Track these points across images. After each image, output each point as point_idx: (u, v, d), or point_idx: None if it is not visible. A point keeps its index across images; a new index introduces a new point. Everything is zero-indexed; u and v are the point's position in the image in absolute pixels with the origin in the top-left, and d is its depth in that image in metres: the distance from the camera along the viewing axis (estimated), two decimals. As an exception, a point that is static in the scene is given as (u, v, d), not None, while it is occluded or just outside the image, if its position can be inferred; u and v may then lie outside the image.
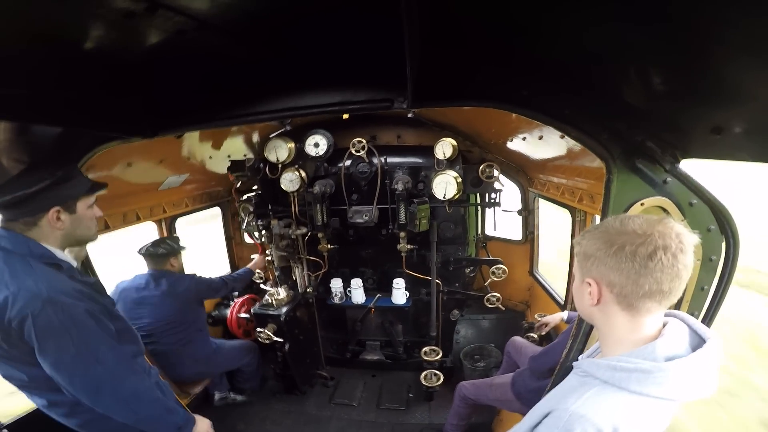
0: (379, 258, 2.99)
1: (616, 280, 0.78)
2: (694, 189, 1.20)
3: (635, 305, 0.80)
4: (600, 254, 0.80)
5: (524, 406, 2.02)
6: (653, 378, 0.76)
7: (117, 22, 0.91)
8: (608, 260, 0.78)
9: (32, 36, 0.87)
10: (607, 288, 0.81)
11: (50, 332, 1.18)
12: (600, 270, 0.81)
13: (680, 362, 0.77)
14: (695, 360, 0.78)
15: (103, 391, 1.27)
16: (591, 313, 0.89)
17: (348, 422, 2.82)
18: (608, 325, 0.86)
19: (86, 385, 1.25)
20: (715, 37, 0.68)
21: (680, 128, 1.05)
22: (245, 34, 1.13)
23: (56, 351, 1.20)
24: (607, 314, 0.84)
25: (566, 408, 0.80)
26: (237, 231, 3.65)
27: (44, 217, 1.28)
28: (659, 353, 0.78)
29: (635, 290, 0.77)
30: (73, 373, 1.23)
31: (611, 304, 0.82)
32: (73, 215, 1.34)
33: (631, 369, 0.78)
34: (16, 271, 1.22)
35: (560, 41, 0.95)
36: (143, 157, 2.16)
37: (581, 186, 2.23)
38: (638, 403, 0.78)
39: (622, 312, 0.82)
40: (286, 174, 2.54)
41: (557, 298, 2.83)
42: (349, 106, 1.30)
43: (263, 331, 2.72)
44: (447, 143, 2.40)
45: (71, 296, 1.25)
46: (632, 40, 0.82)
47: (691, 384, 0.78)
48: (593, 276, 0.82)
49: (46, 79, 1.07)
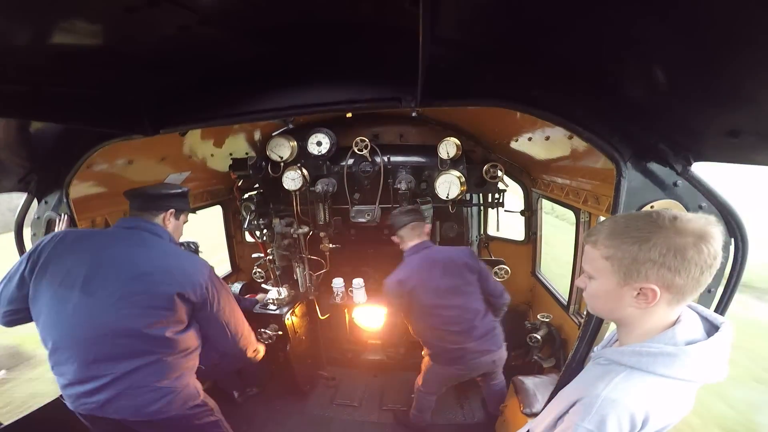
0: (381, 258, 2.97)
1: (680, 282, 0.78)
2: (705, 192, 1.18)
3: (683, 300, 0.82)
4: (663, 259, 0.77)
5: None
6: (679, 361, 0.79)
7: (119, 16, 0.89)
8: (673, 263, 0.77)
9: (33, 32, 0.85)
10: (667, 290, 0.80)
11: (222, 290, 1.63)
12: (662, 273, 0.78)
13: (700, 346, 0.80)
14: (713, 344, 0.81)
15: (245, 332, 1.78)
16: (626, 313, 0.87)
17: (350, 423, 2.81)
18: (642, 319, 0.86)
19: (238, 328, 1.73)
20: (734, 35, 0.67)
21: (694, 130, 1.03)
22: (250, 29, 1.10)
23: (227, 303, 1.65)
24: (648, 312, 0.84)
25: (597, 394, 0.82)
26: (238, 230, 3.62)
27: (162, 214, 1.65)
28: (679, 338, 0.82)
29: (695, 288, 0.79)
30: (237, 320, 1.71)
31: (662, 303, 0.82)
32: (176, 221, 1.72)
33: (656, 353, 0.81)
34: (166, 250, 1.58)
35: (573, 41, 0.93)
36: (144, 155, 2.14)
37: (586, 187, 2.21)
38: (665, 385, 0.81)
39: (667, 308, 0.83)
40: (288, 173, 2.52)
41: (560, 299, 2.82)
42: (356, 104, 1.29)
43: (264, 331, 2.70)
44: (451, 143, 2.38)
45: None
46: (647, 40, 0.80)
47: (709, 367, 0.81)
48: (652, 281, 0.79)
49: (47, 75, 1.05)
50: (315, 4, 0.96)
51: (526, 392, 2.15)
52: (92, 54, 1.02)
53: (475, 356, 2.22)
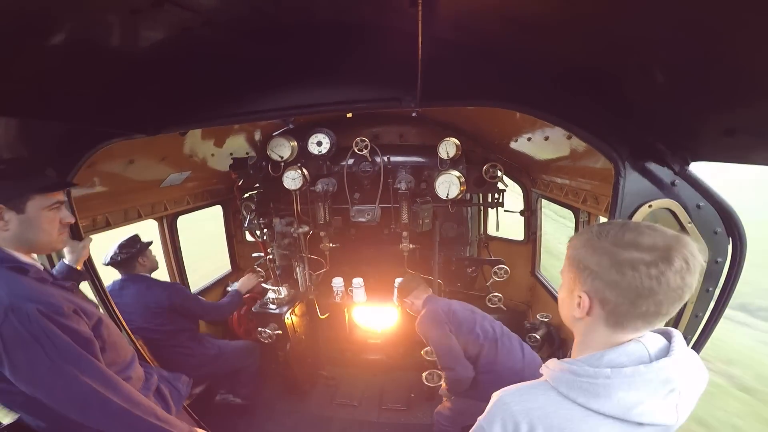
0: (381, 257, 2.98)
1: (612, 298, 0.71)
2: (703, 191, 1.19)
3: (623, 324, 0.73)
4: (599, 269, 0.71)
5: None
6: (579, 382, 0.72)
7: (123, 17, 0.90)
8: (608, 275, 0.70)
9: (37, 31, 0.86)
10: (600, 304, 0.73)
11: (18, 343, 1.04)
12: (596, 285, 0.72)
13: (613, 372, 0.70)
14: (633, 374, 0.69)
15: (91, 404, 1.12)
16: (573, 321, 0.82)
17: (350, 422, 2.81)
18: (586, 334, 0.80)
19: (71, 400, 1.11)
20: (731, 36, 0.67)
21: (691, 130, 1.04)
22: (251, 30, 1.11)
23: (28, 365, 1.05)
24: (589, 326, 0.78)
25: (500, 393, 0.81)
26: (239, 229, 3.63)
27: None
28: (606, 359, 0.73)
29: (630, 311, 0.70)
30: (53, 386, 1.08)
31: (598, 319, 0.75)
32: (21, 216, 1.16)
33: (566, 369, 0.75)
34: None
35: (570, 42, 0.94)
36: (145, 155, 2.15)
37: (585, 187, 2.22)
38: (565, 407, 0.73)
39: (605, 329, 0.75)
40: (289, 172, 2.53)
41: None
42: (357, 104, 1.29)
43: (264, 331, 2.71)
44: (450, 143, 2.39)
45: (38, 302, 1.09)
46: (644, 39, 0.81)
47: (628, 402, 0.69)
48: (587, 290, 0.74)
49: (50, 75, 1.06)
50: (316, 6, 0.97)
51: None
52: (95, 54, 1.03)
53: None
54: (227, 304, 2.86)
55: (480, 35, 1.01)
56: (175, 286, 2.61)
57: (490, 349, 2.13)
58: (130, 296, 2.37)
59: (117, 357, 1.35)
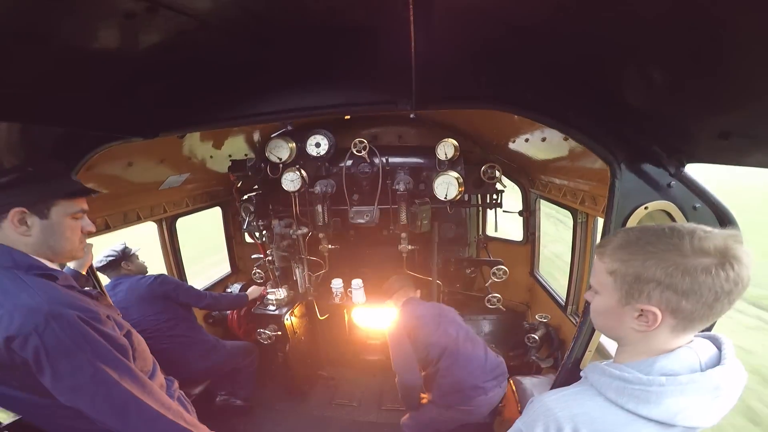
0: (380, 258, 2.98)
1: (689, 307, 0.68)
2: (698, 193, 1.19)
3: (693, 328, 0.72)
4: (671, 280, 0.68)
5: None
6: (630, 389, 0.72)
7: (118, 22, 0.90)
8: (681, 285, 0.67)
9: (33, 36, 0.86)
10: (672, 314, 0.71)
11: (61, 351, 1.01)
12: (667, 296, 0.69)
13: (668, 380, 0.70)
14: (688, 382, 0.70)
15: (130, 410, 1.11)
16: (625, 334, 0.78)
17: (349, 423, 2.82)
18: (640, 343, 0.77)
19: (112, 407, 1.08)
20: (725, 37, 0.68)
21: (686, 132, 1.04)
22: (247, 33, 1.12)
23: (72, 372, 1.03)
24: (649, 336, 0.75)
25: (542, 398, 0.80)
26: (238, 231, 3.64)
27: (4, 219, 1.08)
28: (657, 366, 0.73)
29: (707, 316, 0.69)
30: (96, 393, 1.06)
31: (664, 328, 0.73)
32: (44, 221, 1.13)
33: (615, 376, 0.74)
34: (3, 285, 1.05)
35: (566, 45, 0.94)
36: (144, 157, 2.16)
37: (583, 187, 2.22)
38: (612, 414, 0.73)
39: (669, 334, 0.74)
40: (287, 174, 2.53)
41: (558, 299, 2.83)
42: (353, 107, 1.30)
43: (263, 332, 2.72)
44: (449, 144, 2.39)
45: (76, 308, 1.08)
46: (639, 42, 0.81)
47: (676, 408, 0.69)
48: (655, 303, 0.71)
49: (48, 79, 1.06)
50: (311, 11, 0.97)
51: (523, 392, 2.16)
52: (92, 58, 1.03)
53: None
54: (229, 298, 2.89)
55: (473, 37, 1.01)
56: (164, 275, 2.62)
57: (450, 355, 2.14)
58: (123, 292, 2.40)
59: (144, 365, 1.34)
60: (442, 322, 2.24)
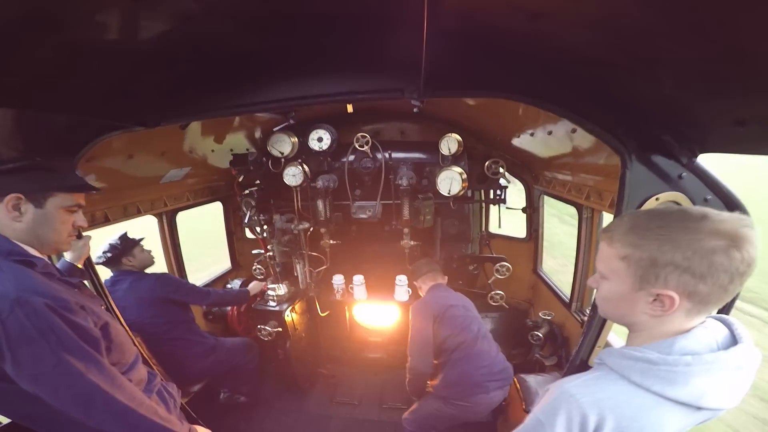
0: (382, 254, 2.96)
1: (705, 289, 0.68)
2: (710, 184, 1.17)
3: (707, 310, 0.72)
4: (688, 263, 0.67)
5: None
6: (656, 370, 0.70)
7: (123, 6, 0.88)
8: (699, 267, 0.67)
9: (35, 21, 0.84)
10: (688, 298, 0.70)
11: (23, 339, 1.00)
12: (684, 279, 0.69)
13: (695, 359, 0.69)
14: (714, 361, 0.70)
15: (95, 403, 1.09)
16: (638, 319, 0.78)
17: (350, 421, 2.80)
18: (656, 327, 0.76)
19: (75, 397, 1.07)
20: (741, 19, 0.65)
21: (699, 121, 1.02)
22: (252, 20, 1.10)
23: (33, 361, 1.01)
24: (664, 319, 0.74)
25: (561, 384, 0.77)
26: (239, 226, 3.62)
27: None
28: (678, 347, 0.72)
29: (721, 297, 0.69)
30: (58, 383, 1.04)
31: (679, 312, 0.72)
32: (39, 210, 1.14)
33: (638, 357, 0.73)
34: None
35: (577, 31, 0.92)
36: (145, 150, 2.13)
37: (588, 183, 2.20)
38: (637, 396, 0.71)
39: (684, 317, 0.73)
40: (289, 168, 2.51)
41: (562, 296, 2.81)
42: (358, 95, 1.27)
43: (264, 328, 2.69)
44: (452, 139, 2.37)
45: (46, 296, 1.06)
46: (653, 32, 0.79)
47: (699, 387, 0.69)
48: (672, 287, 0.70)
49: (49, 66, 1.04)
50: None
51: (528, 390, 2.14)
52: (96, 44, 1.01)
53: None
54: (233, 293, 2.86)
55: (486, 25, 0.99)
56: (166, 275, 2.58)
57: (465, 349, 2.15)
58: (122, 290, 2.36)
59: (122, 358, 1.32)
60: (468, 316, 2.25)
